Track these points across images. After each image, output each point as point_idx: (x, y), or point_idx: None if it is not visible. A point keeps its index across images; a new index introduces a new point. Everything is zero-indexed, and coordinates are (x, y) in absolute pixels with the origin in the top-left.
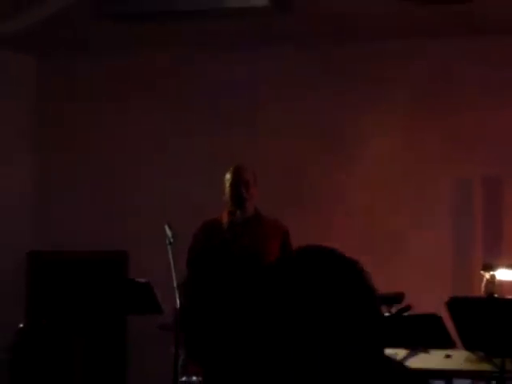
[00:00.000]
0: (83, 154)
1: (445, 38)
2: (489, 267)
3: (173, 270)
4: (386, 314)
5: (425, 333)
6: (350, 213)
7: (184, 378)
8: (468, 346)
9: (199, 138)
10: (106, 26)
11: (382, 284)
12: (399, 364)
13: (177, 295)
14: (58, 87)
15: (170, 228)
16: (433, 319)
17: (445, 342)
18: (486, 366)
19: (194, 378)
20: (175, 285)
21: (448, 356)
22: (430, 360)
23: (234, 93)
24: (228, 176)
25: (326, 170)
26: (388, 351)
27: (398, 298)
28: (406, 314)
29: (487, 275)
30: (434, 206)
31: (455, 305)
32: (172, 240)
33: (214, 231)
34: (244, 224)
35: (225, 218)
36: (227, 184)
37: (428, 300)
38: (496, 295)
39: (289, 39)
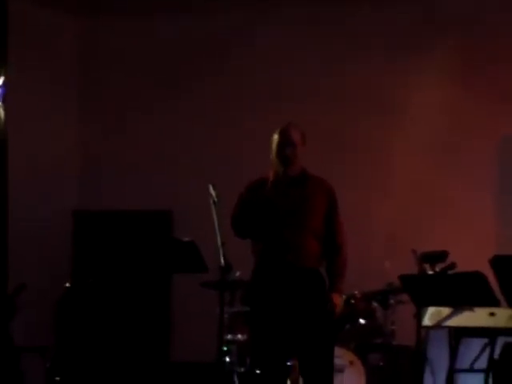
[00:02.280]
0: (128, 115)
1: None
2: None
3: (217, 230)
4: (430, 272)
5: (469, 291)
6: (391, 174)
7: (229, 336)
8: None
9: (247, 104)
10: None
11: (426, 242)
12: None
13: (221, 254)
14: (100, 48)
15: (214, 188)
16: (477, 277)
17: (489, 300)
18: None
19: (239, 336)
20: (219, 244)
21: (492, 314)
22: (475, 318)
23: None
24: (275, 136)
25: (368, 132)
26: (432, 309)
27: (441, 256)
28: (450, 272)
29: None
30: (479, 164)
31: (499, 263)
32: (216, 200)
33: (259, 190)
34: (289, 183)
35: (271, 177)
36: (274, 144)
37: (472, 258)
38: None
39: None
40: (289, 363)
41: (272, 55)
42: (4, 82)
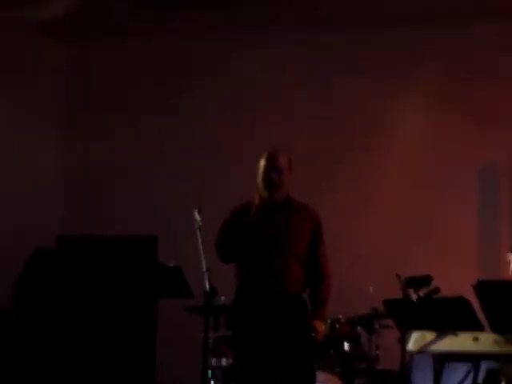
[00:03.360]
0: (114, 138)
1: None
2: None
3: (202, 255)
4: (414, 297)
5: (453, 316)
6: (375, 198)
7: (214, 361)
8: (496, 329)
9: (230, 127)
10: (139, 12)
11: (410, 266)
12: None
13: (206, 279)
14: (88, 74)
15: (199, 213)
16: (461, 302)
17: (473, 325)
18: None
19: (224, 361)
20: (204, 269)
21: (476, 339)
22: (459, 342)
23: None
24: (262, 160)
25: (351, 158)
26: (417, 333)
27: (425, 280)
28: (434, 296)
29: None
30: (459, 188)
31: (482, 288)
32: (201, 224)
33: (244, 215)
34: (274, 208)
35: (256, 202)
36: (260, 168)
37: (455, 283)
38: None
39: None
40: None
41: (259, 80)
42: None
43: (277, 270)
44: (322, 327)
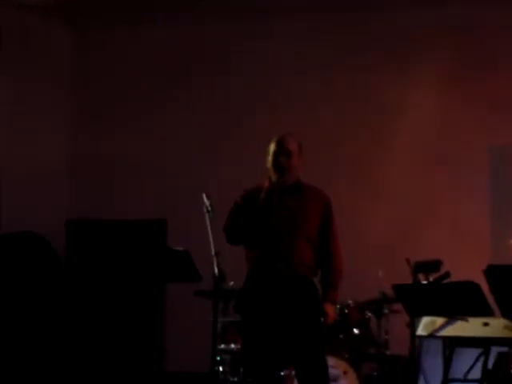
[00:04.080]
0: (120, 123)
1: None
2: None
3: (211, 239)
4: (424, 282)
5: (463, 300)
6: (384, 183)
7: (222, 346)
8: (506, 314)
9: (238, 113)
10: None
11: (420, 251)
12: None
13: (215, 263)
14: (95, 59)
15: (207, 197)
16: (471, 287)
17: (483, 310)
18: None
19: (233, 346)
20: (213, 253)
21: (486, 324)
22: (469, 328)
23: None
24: (271, 144)
25: (360, 143)
26: (426, 318)
27: (435, 265)
28: (444, 281)
29: None
30: (471, 173)
31: (493, 273)
32: (210, 209)
33: (254, 199)
34: (283, 192)
35: (265, 186)
36: (270, 152)
37: (466, 267)
38: None
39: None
40: (282, 373)
41: (265, 68)
42: None
43: (286, 253)
44: (332, 310)
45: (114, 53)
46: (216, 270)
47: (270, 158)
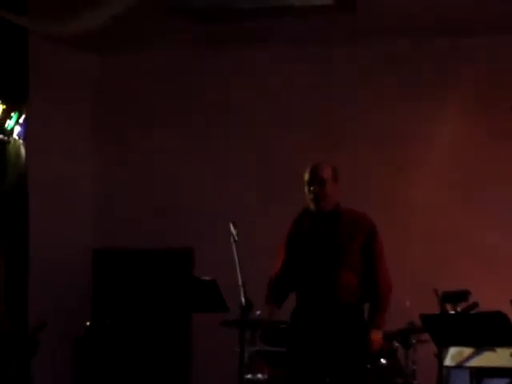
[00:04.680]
0: (147, 152)
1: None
2: None
3: (237, 268)
4: (452, 312)
5: (491, 331)
6: (414, 212)
7: (249, 376)
8: None
9: (261, 139)
10: (169, 23)
11: (448, 281)
12: None
13: (242, 293)
14: (120, 85)
15: (234, 226)
16: (498, 317)
17: (511, 340)
18: None
19: (260, 376)
20: (240, 282)
21: None
22: (496, 358)
23: (296, 94)
24: (305, 173)
25: (392, 168)
26: (454, 349)
27: (463, 295)
28: (472, 311)
29: None
30: (497, 202)
31: None
32: (236, 238)
33: (298, 228)
34: (322, 219)
35: (306, 214)
36: (304, 182)
37: (493, 298)
38: None
39: (352, 37)
40: None
41: (287, 88)
42: (25, 120)
43: (328, 282)
44: (377, 336)
45: (141, 78)
46: (243, 300)
47: (305, 187)
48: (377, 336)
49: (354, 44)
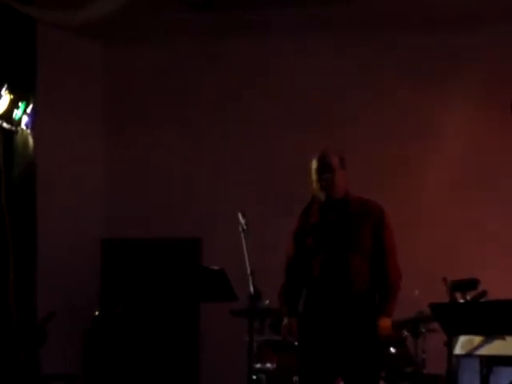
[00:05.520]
0: (157, 141)
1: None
2: None
3: (246, 257)
4: (461, 301)
5: (501, 319)
6: (423, 202)
7: (258, 365)
8: None
9: (276, 129)
10: (178, 14)
11: (457, 270)
12: None
13: (250, 282)
14: (127, 74)
15: (243, 216)
16: (508, 305)
17: None
18: None
19: (269, 365)
20: (248, 271)
21: None
22: (506, 346)
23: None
24: (313, 162)
25: (404, 162)
26: (464, 337)
27: (472, 284)
28: (481, 300)
29: None
30: (509, 193)
31: None
32: (245, 227)
33: (308, 218)
34: (332, 208)
35: (315, 204)
36: (313, 171)
37: (503, 286)
38: None
39: (352, 28)
40: None
41: (301, 82)
42: (33, 110)
43: (342, 270)
44: (387, 323)
45: (151, 67)
46: (252, 289)
47: (313, 176)
48: (386, 323)
49: (353, 35)
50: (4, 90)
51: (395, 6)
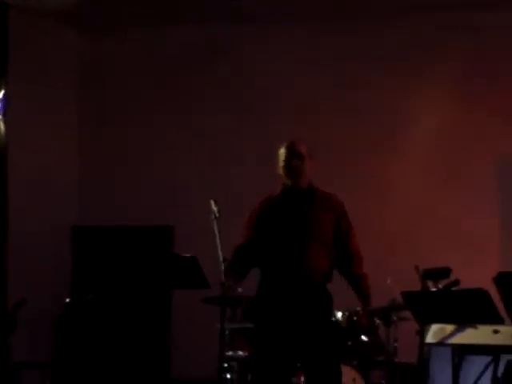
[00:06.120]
0: (129, 128)
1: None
2: None
3: (218, 245)
4: (433, 289)
5: (473, 308)
6: (392, 192)
7: (230, 353)
8: None
9: (248, 118)
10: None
11: (429, 259)
12: None
13: (222, 270)
14: (102, 62)
15: (215, 204)
16: (480, 294)
17: (493, 318)
18: None
19: (240, 353)
20: (220, 259)
21: (496, 331)
22: (478, 335)
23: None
24: (282, 149)
25: (368, 155)
26: (435, 326)
27: (445, 272)
28: (453, 288)
29: None
30: (481, 182)
31: (503, 280)
32: (217, 215)
33: (270, 205)
34: (297, 197)
35: (279, 191)
36: (281, 157)
37: (475, 275)
38: None
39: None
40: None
41: (275, 71)
42: (4, 95)
43: (300, 259)
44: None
45: (125, 56)
46: (223, 277)
47: (281, 162)
48: (363, 315)
49: (341, 22)
50: None
51: None
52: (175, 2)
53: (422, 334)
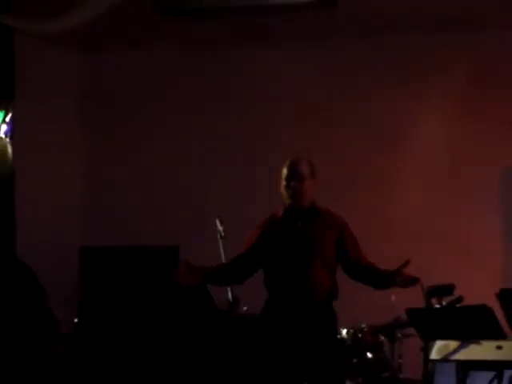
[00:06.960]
0: (134, 150)
1: (493, 30)
2: None
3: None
4: (437, 306)
5: (476, 324)
6: (395, 208)
7: None
8: None
9: (251, 136)
10: (156, 22)
11: (433, 276)
12: None
13: (228, 289)
14: (106, 84)
15: (221, 223)
16: (484, 310)
17: (496, 333)
18: None
19: None
20: None
21: (499, 347)
22: (482, 351)
23: (282, 91)
24: (284, 169)
25: (370, 167)
26: (440, 342)
27: (448, 289)
28: (457, 305)
29: None
30: (483, 196)
31: (506, 296)
32: (223, 234)
33: (274, 224)
34: (298, 217)
35: (281, 211)
36: (282, 177)
37: (478, 291)
38: None
39: (335, 35)
40: None
41: (279, 86)
42: (11, 119)
43: (303, 278)
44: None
45: (125, 81)
46: (230, 296)
47: (283, 182)
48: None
49: (339, 41)
50: None
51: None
52: (172, 23)
53: (426, 350)
